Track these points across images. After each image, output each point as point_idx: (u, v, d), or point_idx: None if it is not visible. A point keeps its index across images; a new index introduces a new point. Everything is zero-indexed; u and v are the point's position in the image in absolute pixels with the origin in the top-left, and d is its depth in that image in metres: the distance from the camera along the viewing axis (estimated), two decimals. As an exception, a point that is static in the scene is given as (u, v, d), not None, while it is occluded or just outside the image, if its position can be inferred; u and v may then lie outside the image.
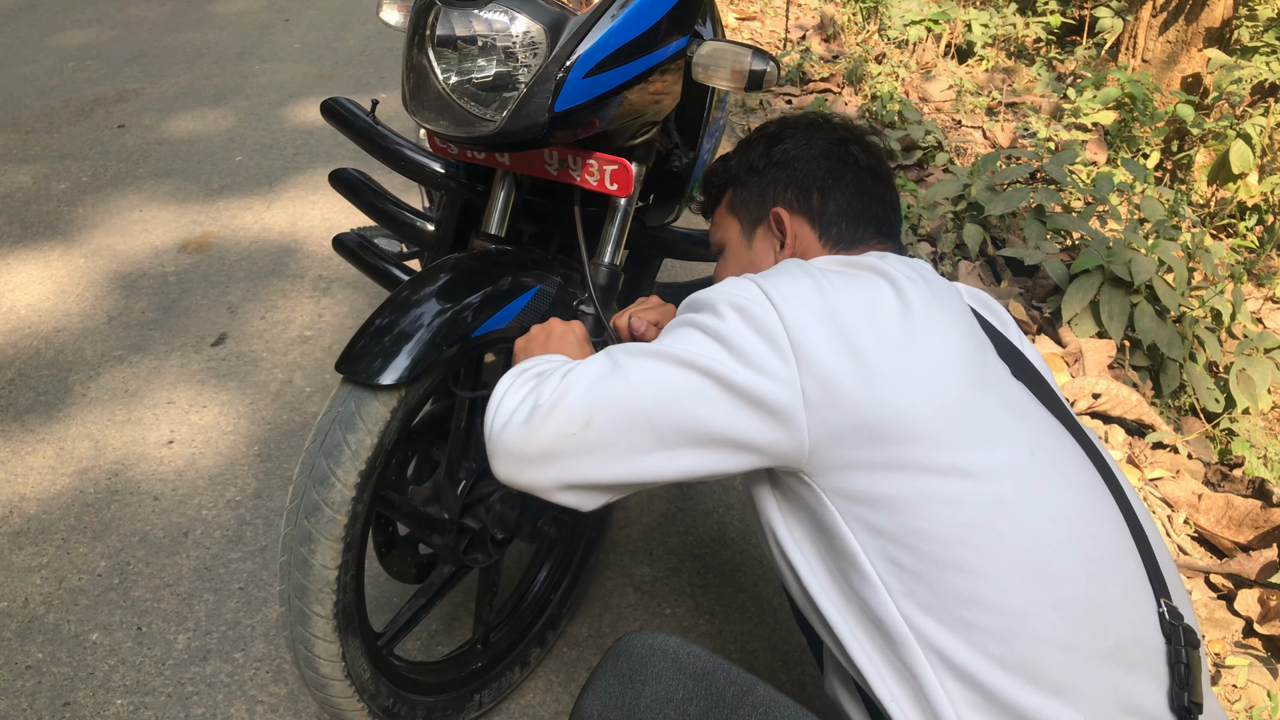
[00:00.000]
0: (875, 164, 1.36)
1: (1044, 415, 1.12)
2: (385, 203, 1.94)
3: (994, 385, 1.08)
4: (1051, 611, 0.99)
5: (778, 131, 1.39)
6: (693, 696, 1.06)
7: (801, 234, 1.31)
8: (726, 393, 1.03)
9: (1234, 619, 2.15)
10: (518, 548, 2.08)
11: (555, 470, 1.08)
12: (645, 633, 1.14)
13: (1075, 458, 1.10)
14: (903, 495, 1.01)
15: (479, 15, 1.26)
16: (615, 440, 1.06)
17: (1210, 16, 5.45)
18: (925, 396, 1.02)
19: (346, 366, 1.31)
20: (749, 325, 1.04)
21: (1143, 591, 1.06)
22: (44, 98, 4.47)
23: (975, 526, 1.00)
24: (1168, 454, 2.66)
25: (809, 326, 1.03)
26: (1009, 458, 1.03)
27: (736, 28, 6.09)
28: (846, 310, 1.05)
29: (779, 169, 1.35)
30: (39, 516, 2.18)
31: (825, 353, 1.02)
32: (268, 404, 2.55)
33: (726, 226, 1.41)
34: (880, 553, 1.02)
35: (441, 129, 1.33)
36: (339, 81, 4.82)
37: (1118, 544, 1.07)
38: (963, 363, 1.06)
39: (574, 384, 1.07)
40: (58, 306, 2.94)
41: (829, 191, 1.31)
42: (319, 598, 1.33)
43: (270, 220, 3.47)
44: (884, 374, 1.01)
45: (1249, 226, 4.47)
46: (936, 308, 1.09)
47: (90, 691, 1.80)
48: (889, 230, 1.34)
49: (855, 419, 1.01)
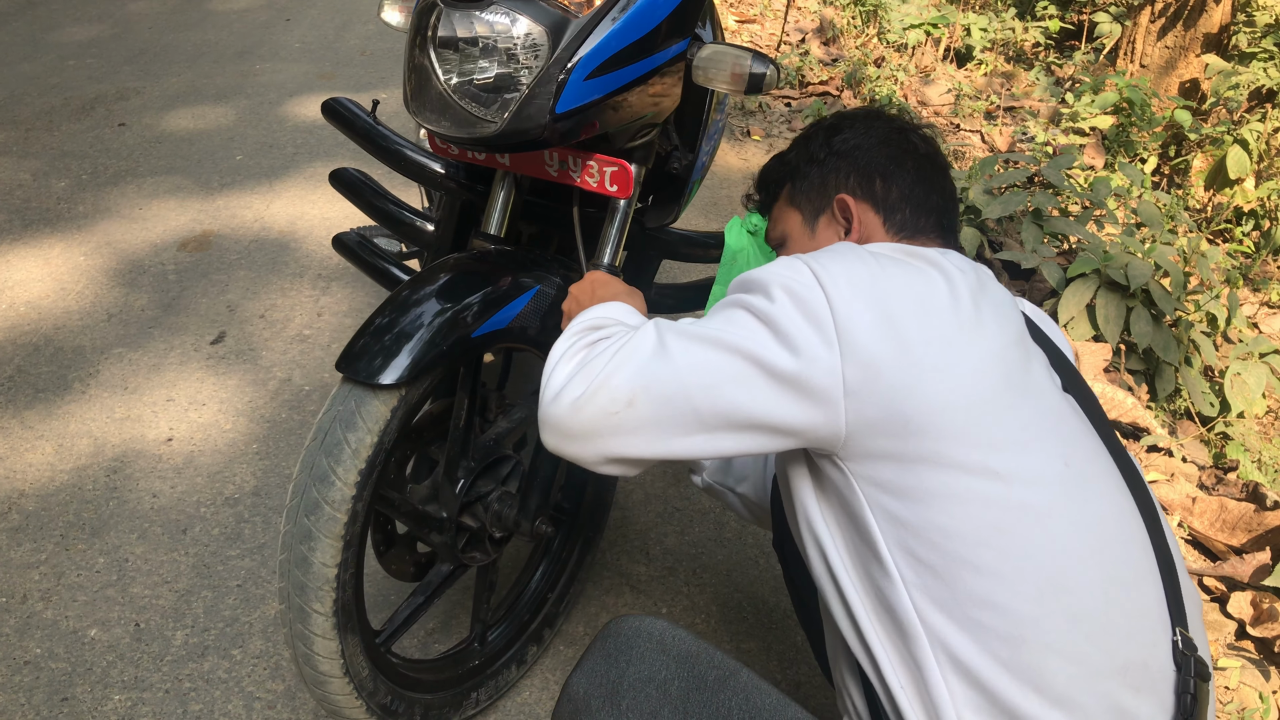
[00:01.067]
0: (934, 153, 1.36)
1: (1085, 430, 1.11)
2: (385, 202, 1.95)
3: (1035, 394, 1.07)
4: (1064, 622, 0.99)
5: (835, 123, 1.38)
6: (675, 678, 1.08)
7: (867, 219, 1.30)
8: (768, 378, 1.03)
9: (1227, 621, 2.16)
10: (515, 546, 2.09)
11: (598, 445, 1.09)
12: (634, 616, 1.16)
13: (1110, 476, 1.10)
14: (929, 489, 1.01)
15: (481, 17, 1.27)
16: (657, 421, 1.07)
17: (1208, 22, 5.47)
18: (963, 394, 1.01)
19: (347, 365, 1.32)
20: (797, 309, 1.04)
21: (1159, 616, 1.05)
22: (44, 95, 4.48)
23: (997, 528, 1.00)
24: (1163, 457, 2.68)
25: (857, 313, 1.02)
26: (1041, 465, 1.03)
27: (736, 30, 6.11)
28: (897, 299, 1.04)
29: (840, 158, 1.34)
30: (37, 513, 2.18)
31: (870, 340, 1.01)
32: (266, 402, 2.56)
33: (787, 219, 1.40)
34: (899, 543, 1.03)
35: (442, 130, 1.34)
36: (339, 81, 4.83)
37: (1140, 566, 1.06)
38: (1005, 367, 1.05)
39: (622, 364, 1.07)
40: (57, 303, 2.94)
41: (891, 177, 1.30)
42: (318, 595, 1.34)
43: (270, 219, 3.48)
44: (926, 367, 1.01)
45: (1245, 231, 4.49)
46: (986, 309, 1.08)
47: (88, 687, 1.80)
48: (949, 223, 1.33)
49: (892, 408, 1.01)
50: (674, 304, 2.15)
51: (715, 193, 4.04)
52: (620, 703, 1.08)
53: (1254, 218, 4.49)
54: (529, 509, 1.59)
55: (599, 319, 1.22)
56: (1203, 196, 4.71)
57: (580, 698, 1.12)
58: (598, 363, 1.09)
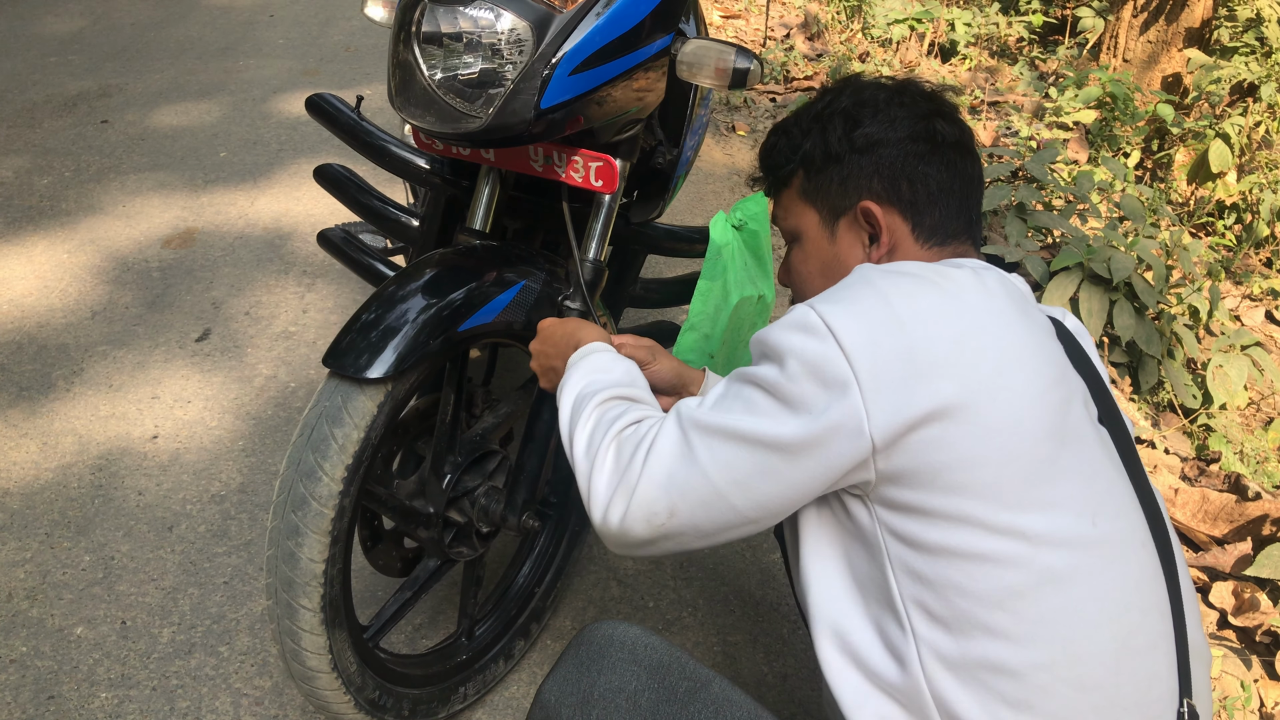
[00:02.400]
0: (961, 135, 1.25)
1: (1115, 478, 1.07)
2: (370, 198, 1.95)
3: (1071, 441, 1.02)
4: (1072, 692, 0.97)
5: (854, 110, 1.25)
6: (645, 689, 1.07)
7: (894, 226, 1.21)
8: (793, 458, 1.01)
9: (1209, 611, 2.18)
10: (502, 541, 2.09)
11: (659, 549, 1.11)
12: (609, 622, 1.14)
13: (1136, 532, 1.06)
14: (950, 546, 0.98)
15: (465, 12, 1.27)
16: (700, 522, 1.07)
17: (1190, 17, 5.50)
18: (997, 448, 0.97)
19: (333, 360, 1.32)
20: (812, 376, 1.00)
21: (1167, 687, 1.03)
22: (26, 92, 4.45)
23: (1016, 592, 0.97)
24: (1145, 449, 2.70)
25: (881, 365, 0.98)
26: (1069, 526, 0.99)
27: (720, 25, 6.11)
28: (926, 345, 0.99)
29: (862, 155, 1.23)
30: (22, 511, 2.18)
31: (897, 393, 0.97)
32: (252, 398, 2.56)
33: (801, 214, 1.30)
34: (915, 598, 1.00)
35: (427, 125, 1.34)
36: (323, 77, 4.81)
37: (1154, 633, 1.03)
38: (1044, 413, 1.00)
39: (654, 474, 1.07)
40: (41, 301, 2.93)
41: (919, 178, 1.21)
42: (306, 591, 1.34)
43: (255, 215, 3.47)
44: (959, 420, 0.97)
45: (1227, 225, 4.52)
46: (1028, 347, 1.03)
47: (75, 685, 1.80)
48: (976, 214, 1.26)
49: (921, 461, 0.98)
50: (659, 298, 2.16)
51: (700, 188, 4.05)
52: (590, 713, 1.08)
53: (1236, 211, 4.52)
54: (515, 504, 1.59)
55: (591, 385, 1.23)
56: (1185, 190, 4.74)
57: (551, 705, 1.12)
58: (630, 475, 1.09)
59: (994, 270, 1.13)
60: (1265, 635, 2.09)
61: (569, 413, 1.22)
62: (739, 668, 1.92)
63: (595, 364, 1.27)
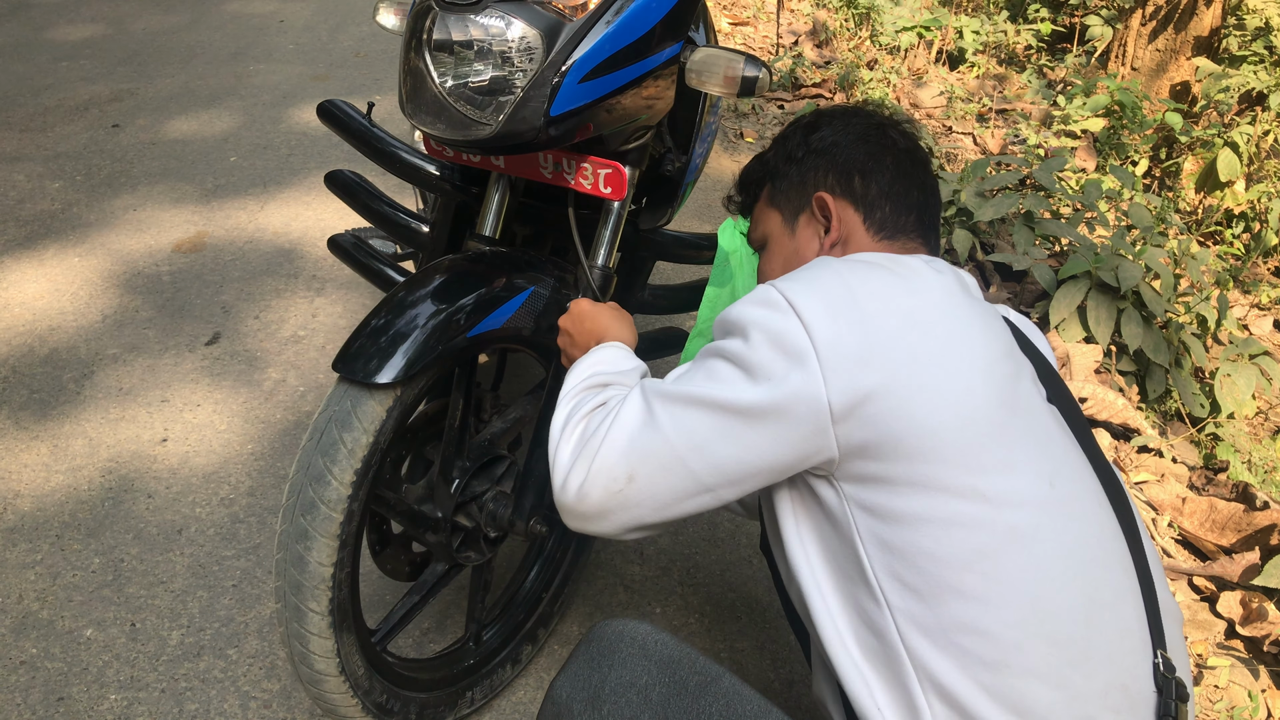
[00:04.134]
0: (914, 148, 1.34)
1: (1069, 446, 1.11)
2: (380, 204, 1.96)
3: (1023, 411, 1.07)
4: (1045, 647, 1.00)
5: (813, 121, 1.37)
6: (656, 683, 1.08)
7: (846, 217, 1.28)
8: (752, 422, 1.05)
9: (1216, 621, 2.18)
10: (510, 546, 2.10)
11: (612, 521, 1.14)
12: (619, 619, 1.16)
13: (1093, 494, 1.10)
14: (916, 513, 1.01)
15: (476, 20, 1.28)
16: (659, 490, 1.11)
17: (1199, 25, 5.50)
18: (954, 414, 1.01)
19: (343, 365, 1.33)
20: (773, 344, 1.04)
21: (1139, 638, 1.06)
22: (38, 97, 4.48)
23: (983, 553, 1.00)
24: (1153, 458, 2.69)
25: (838, 336, 1.03)
26: (1027, 486, 1.03)
27: (729, 33, 6.12)
28: (880, 318, 1.04)
29: (818, 155, 1.32)
30: (33, 513, 2.19)
31: (854, 363, 1.02)
32: (261, 403, 2.57)
33: (767, 220, 1.38)
34: (887, 568, 1.03)
35: (438, 132, 1.35)
36: (333, 83, 4.84)
37: (1120, 587, 1.07)
38: (995, 383, 1.05)
39: (614, 441, 1.11)
40: (52, 305, 2.95)
41: (870, 174, 1.28)
42: (314, 594, 1.35)
43: (265, 220, 3.49)
44: (915, 388, 1.01)
45: (1235, 234, 4.51)
46: (975, 324, 1.08)
47: (84, 687, 1.81)
48: (930, 220, 1.32)
49: (882, 431, 1.01)
50: (668, 305, 2.16)
51: (709, 195, 4.06)
52: (601, 707, 1.09)
53: (1244, 220, 4.52)
54: (523, 508, 1.60)
55: (591, 377, 1.27)
56: (1193, 199, 4.73)
57: (562, 701, 1.13)
58: (593, 443, 1.13)
59: (942, 261, 1.19)
60: (1273, 645, 2.08)
61: (561, 396, 1.28)
62: (745, 673, 1.92)
63: (603, 356, 1.32)
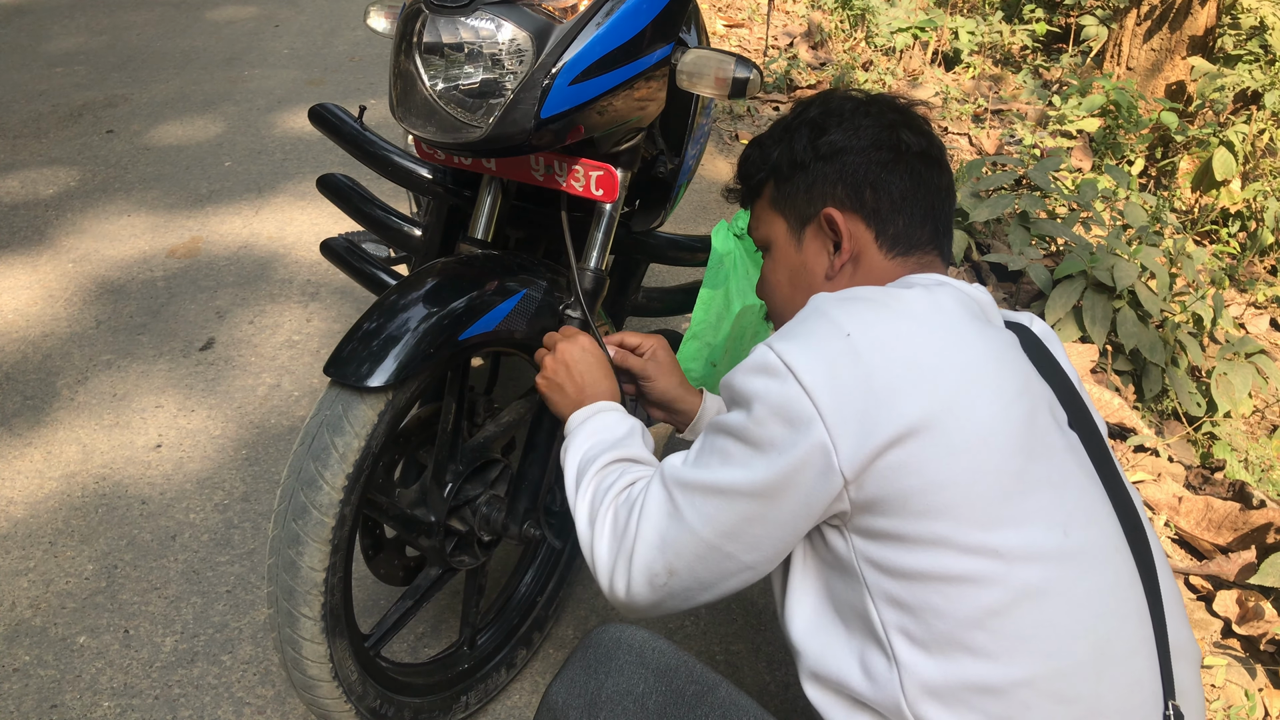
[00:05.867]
0: (928, 146, 1.26)
1: (1085, 484, 1.07)
2: (373, 208, 1.95)
3: (1039, 454, 1.02)
4: (1054, 705, 0.98)
5: (820, 119, 1.27)
6: (652, 691, 1.07)
7: (857, 233, 1.22)
8: (774, 501, 1.03)
9: (1213, 620, 2.18)
10: (504, 550, 2.09)
11: (668, 608, 1.15)
12: (616, 625, 1.15)
13: (1109, 536, 1.06)
14: (926, 570, 0.99)
15: (466, 23, 1.28)
16: (702, 576, 1.11)
17: (1194, 25, 5.50)
18: (964, 468, 0.98)
19: (335, 369, 1.33)
20: (778, 417, 1.02)
21: (1150, 690, 1.03)
22: (32, 103, 4.47)
23: (994, 611, 0.98)
24: (1149, 457, 2.69)
25: (844, 399, 0.99)
26: (1041, 538, 0.99)
27: (724, 35, 6.12)
28: (886, 373, 1.00)
29: (826, 163, 1.24)
30: (26, 520, 2.18)
31: (860, 424, 0.98)
32: (255, 408, 2.56)
33: (771, 223, 1.32)
34: (896, 624, 1.01)
35: (429, 135, 1.34)
36: (328, 87, 4.83)
37: (1134, 638, 1.03)
38: (1008, 429, 1.00)
39: (647, 540, 1.11)
40: (45, 311, 2.94)
41: (882, 186, 1.22)
42: (307, 600, 1.34)
43: (259, 225, 3.48)
44: (924, 444, 0.98)
45: (1231, 233, 4.51)
46: (988, 364, 1.03)
47: (78, 694, 1.80)
48: (944, 225, 1.26)
49: (891, 488, 0.99)
50: (662, 307, 2.16)
51: (703, 196, 4.05)
52: (598, 715, 1.08)
53: (1240, 219, 4.52)
54: (517, 512, 1.59)
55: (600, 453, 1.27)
56: (1189, 198, 4.73)
57: (559, 708, 1.12)
58: (626, 542, 1.14)
59: (949, 285, 1.14)
60: (1270, 644, 2.08)
61: (573, 477, 1.27)
62: (741, 676, 1.92)
63: (600, 424, 1.32)
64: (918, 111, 1.31)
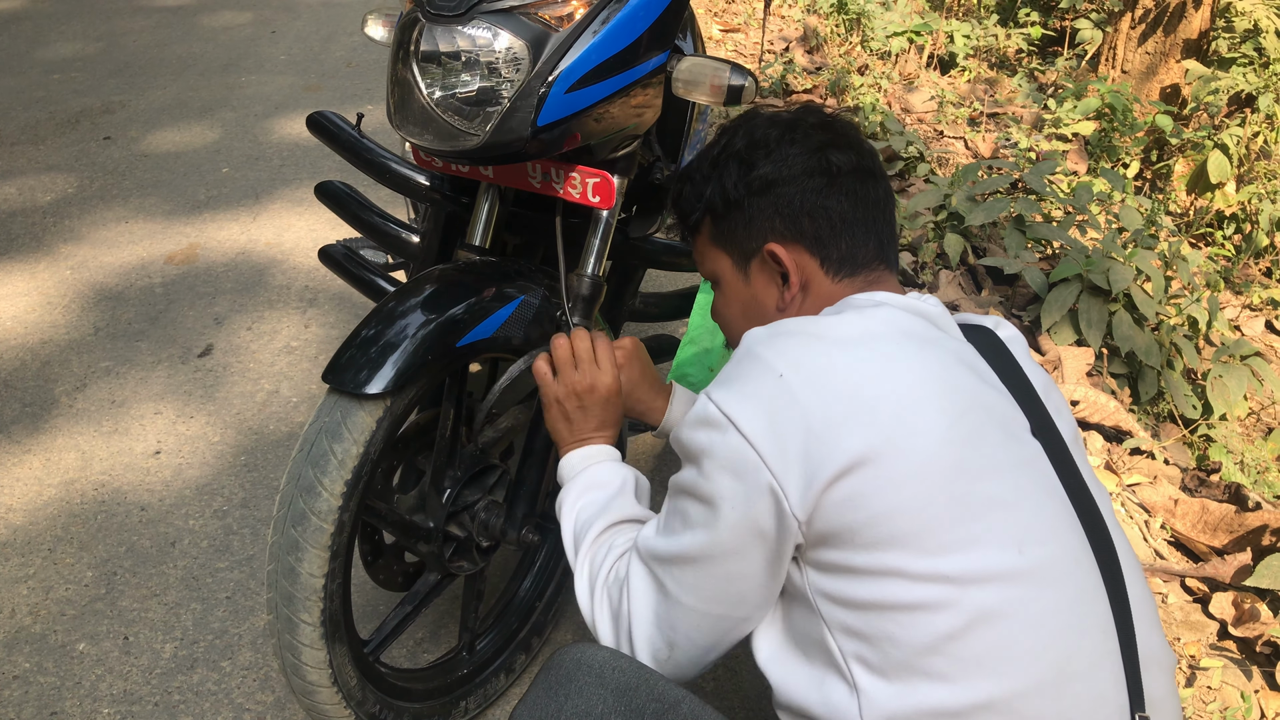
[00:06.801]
0: (859, 160, 1.24)
1: (1042, 498, 1.05)
2: (371, 215, 1.96)
3: (988, 471, 1.01)
4: None
5: (747, 153, 1.25)
6: (611, 711, 1.07)
7: (803, 263, 1.22)
8: (743, 551, 1.04)
9: (1209, 622, 2.18)
10: (503, 555, 2.10)
11: (683, 675, 1.17)
12: (579, 645, 1.14)
13: (1070, 550, 1.04)
14: (878, 600, 0.99)
15: (462, 31, 1.29)
16: (703, 640, 1.13)
17: (1188, 28, 5.52)
18: (909, 498, 0.97)
19: (333, 376, 1.33)
20: (726, 470, 1.03)
21: (1115, 704, 1.02)
22: (29, 110, 4.48)
23: (949, 636, 0.97)
24: (1145, 460, 2.70)
25: (784, 444, 1.00)
26: (994, 560, 0.98)
27: (720, 40, 6.14)
28: (822, 411, 1.00)
29: (760, 197, 1.23)
30: (25, 527, 2.19)
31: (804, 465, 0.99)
32: (254, 414, 2.57)
33: (715, 259, 1.32)
34: (854, 653, 1.01)
35: (426, 143, 1.35)
36: (325, 93, 4.84)
37: (1097, 651, 1.02)
38: (953, 450, 0.99)
39: (639, 619, 1.15)
40: (44, 318, 2.95)
41: (820, 212, 1.20)
42: (306, 606, 1.35)
43: (256, 232, 3.49)
44: (866, 477, 0.97)
45: (1226, 235, 4.53)
46: (930, 383, 1.03)
47: (78, 701, 1.80)
48: (888, 236, 1.25)
49: (837, 522, 0.99)
50: (659, 313, 2.17)
51: (701, 201, 4.06)
52: None
53: (1235, 221, 4.54)
54: (515, 518, 1.60)
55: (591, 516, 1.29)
56: (1184, 201, 4.75)
57: None
58: (622, 623, 1.17)
59: (885, 306, 1.13)
60: (1265, 646, 2.09)
61: (570, 541, 1.30)
62: (739, 679, 1.92)
63: (593, 479, 1.34)
64: (843, 120, 1.29)
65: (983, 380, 1.09)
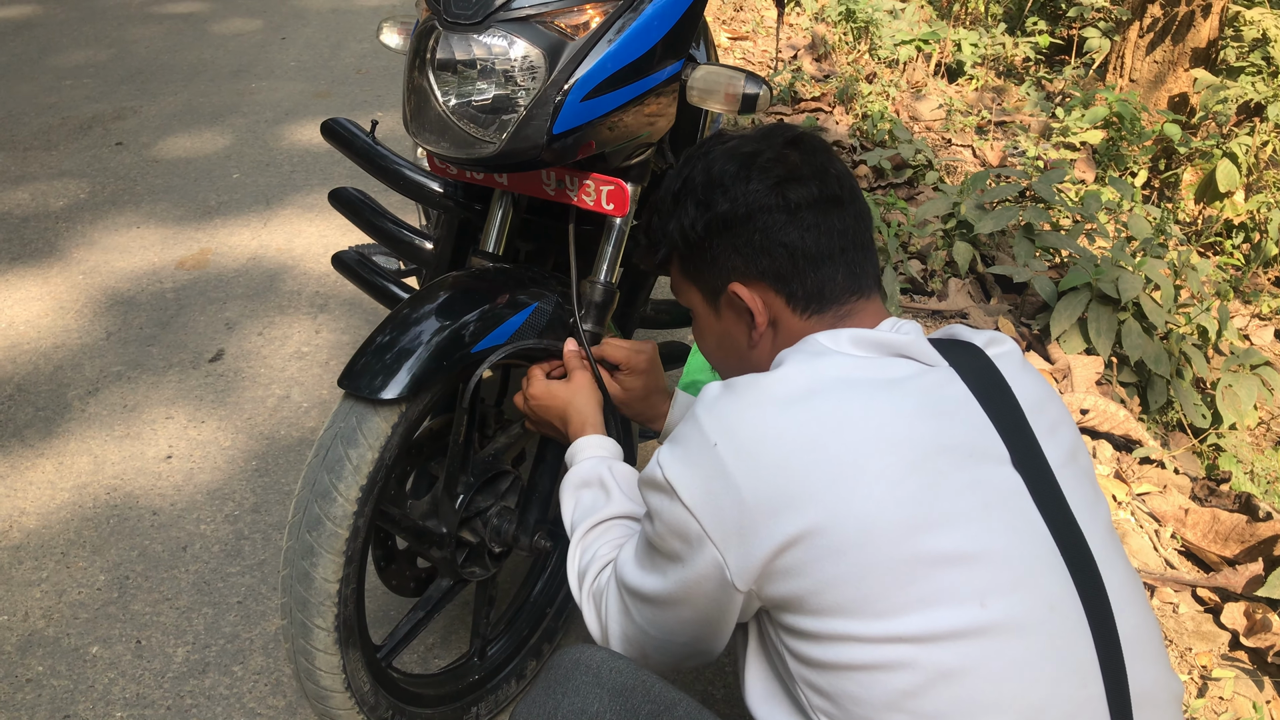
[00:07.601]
0: (820, 189, 1.19)
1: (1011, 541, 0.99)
2: (384, 221, 1.97)
3: (946, 522, 0.97)
4: None
5: (705, 192, 1.22)
6: (607, 711, 1.07)
7: (768, 300, 1.19)
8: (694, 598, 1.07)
9: (1220, 632, 2.18)
10: (514, 561, 2.10)
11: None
12: (579, 646, 1.15)
13: (1045, 596, 0.99)
14: (837, 661, 0.98)
15: (479, 40, 1.30)
16: (672, 654, 1.19)
17: (1196, 37, 5.52)
18: (851, 566, 0.95)
19: (349, 382, 1.34)
20: (674, 535, 1.05)
21: None
22: (42, 115, 4.50)
23: (909, 694, 0.95)
24: (1155, 469, 2.70)
25: (721, 517, 1.00)
26: (952, 617, 0.95)
27: (729, 48, 6.15)
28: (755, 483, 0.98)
29: (719, 237, 1.20)
30: (39, 531, 2.20)
31: (741, 539, 0.99)
32: (265, 419, 2.58)
33: (687, 293, 1.30)
34: (820, 707, 1.01)
35: (442, 150, 1.36)
36: (335, 100, 4.86)
37: (1076, 699, 0.98)
38: (902, 510, 0.96)
39: (614, 633, 1.23)
40: (56, 323, 2.96)
41: (780, 251, 1.17)
42: (320, 610, 1.35)
43: (268, 238, 3.50)
44: (805, 548, 0.96)
45: (1235, 244, 4.52)
46: (872, 440, 0.99)
47: (90, 704, 1.81)
48: (859, 257, 1.20)
49: (784, 592, 0.99)
50: (670, 319, 2.17)
51: (710, 209, 4.07)
52: None
53: (1244, 230, 4.53)
54: (528, 524, 1.60)
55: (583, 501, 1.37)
56: (1193, 210, 4.75)
57: None
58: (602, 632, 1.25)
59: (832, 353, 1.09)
60: (1277, 656, 2.08)
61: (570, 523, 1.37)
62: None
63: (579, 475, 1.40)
64: (810, 143, 1.24)
65: (949, 417, 1.04)
